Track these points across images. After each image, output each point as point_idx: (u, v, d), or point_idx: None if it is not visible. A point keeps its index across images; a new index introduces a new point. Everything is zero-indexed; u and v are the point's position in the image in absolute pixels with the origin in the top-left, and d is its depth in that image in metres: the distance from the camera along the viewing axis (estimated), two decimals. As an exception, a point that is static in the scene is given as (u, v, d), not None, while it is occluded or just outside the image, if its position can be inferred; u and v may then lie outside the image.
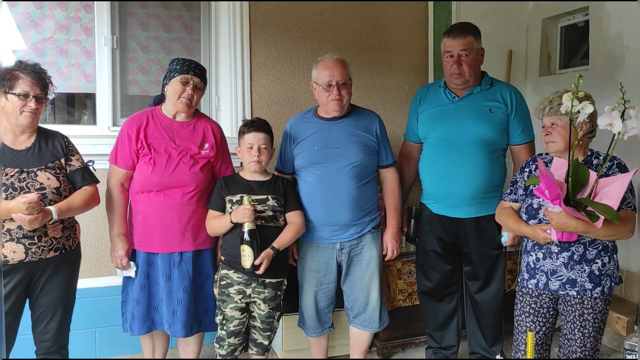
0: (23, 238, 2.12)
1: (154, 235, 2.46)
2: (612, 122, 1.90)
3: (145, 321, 2.53)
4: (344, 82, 2.50)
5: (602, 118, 1.93)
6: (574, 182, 2.01)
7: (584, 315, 2.16)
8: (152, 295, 2.52)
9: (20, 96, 2.13)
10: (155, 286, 2.52)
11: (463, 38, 2.58)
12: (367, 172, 2.58)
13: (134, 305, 2.52)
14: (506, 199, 2.38)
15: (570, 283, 2.16)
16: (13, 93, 2.12)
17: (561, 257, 2.17)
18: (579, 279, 2.15)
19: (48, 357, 2.28)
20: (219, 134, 2.60)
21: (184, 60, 2.49)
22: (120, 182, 2.48)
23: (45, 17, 3.10)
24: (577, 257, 2.15)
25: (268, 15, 3.40)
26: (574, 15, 3.78)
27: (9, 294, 2.13)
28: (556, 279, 2.19)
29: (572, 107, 1.93)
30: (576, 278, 2.15)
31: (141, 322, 2.52)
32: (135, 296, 2.51)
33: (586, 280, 2.14)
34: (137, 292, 2.50)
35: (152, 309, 2.54)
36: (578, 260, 2.15)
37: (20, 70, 2.14)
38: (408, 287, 3.17)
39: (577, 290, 2.15)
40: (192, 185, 2.46)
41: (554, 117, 2.15)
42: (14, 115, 2.15)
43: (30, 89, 2.14)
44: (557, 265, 2.18)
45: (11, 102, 2.13)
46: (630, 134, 1.91)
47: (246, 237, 2.30)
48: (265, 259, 2.34)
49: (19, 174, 2.14)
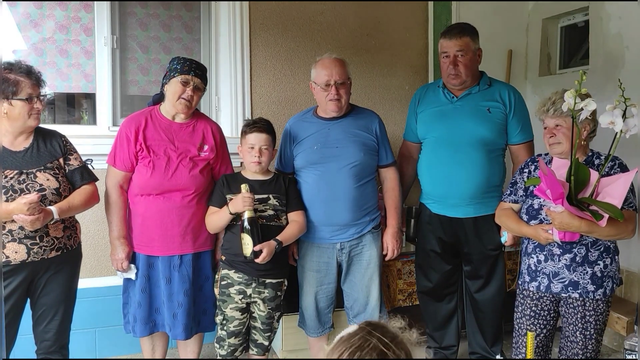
0: (25, 238, 2.12)
1: (153, 238, 2.45)
2: (613, 121, 1.89)
3: (147, 323, 2.52)
4: (342, 82, 2.49)
5: (604, 116, 1.92)
6: (576, 182, 2.00)
7: (585, 317, 2.15)
8: (154, 297, 2.51)
9: (27, 100, 2.12)
10: (156, 289, 2.51)
11: (459, 39, 2.58)
12: (367, 172, 2.58)
13: (135, 307, 2.51)
14: (506, 200, 2.37)
15: (572, 285, 2.15)
16: (19, 98, 2.10)
17: (563, 259, 2.15)
18: (581, 281, 2.13)
19: (49, 357, 2.28)
20: (218, 135, 2.58)
21: (185, 60, 2.46)
22: (119, 184, 2.46)
23: (45, 17, 3.10)
24: (579, 259, 2.13)
25: (268, 15, 3.40)
26: (574, 15, 3.78)
27: (11, 294, 2.13)
28: (558, 282, 2.17)
29: (574, 105, 1.91)
30: (578, 280, 2.14)
31: (143, 324, 2.51)
32: (136, 299, 2.50)
33: (588, 282, 2.13)
34: (139, 294, 2.49)
35: (154, 310, 2.53)
36: (580, 262, 2.13)
37: (16, 73, 2.11)
38: (408, 287, 3.17)
39: (579, 292, 2.14)
40: (191, 188, 2.45)
41: (559, 119, 2.11)
42: (22, 119, 2.14)
43: (33, 91, 2.14)
44: (559, 267, 2.16)
45: (17, 107, 2.11)
46: (632, 132, 1.90)
47: (246, 225, 2.29)
48: (266, 248, 2.31)
49: (19, 175, 2.14)
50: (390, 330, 1.03)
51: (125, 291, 2.56)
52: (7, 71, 2.11)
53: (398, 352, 1.00)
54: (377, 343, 1.01)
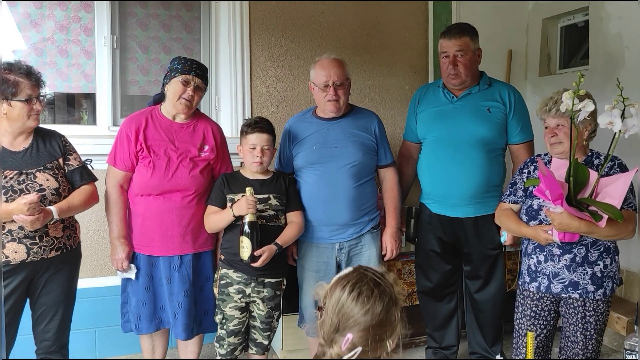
0: (25, 238, 2.12)
1: (153, 238, 2.45)
2: (612, 121, 1.89)
3: (153, 320, 2.53)
4: (341, 83, 2.49)
5: (603, 117, 1.91)
6: (575, 182, 2.00)
7: (585, 317, 2.15)
8: (158, 295, 2.52)
9: (27, 101, 2.12)
10: (160, 287, 2.51)
11: (459, 39, 2.58)
12: (366, 172, 2.58)
13: (139, 306, 2.51)
14: (506, 201, 2.36)
15: (572, 285, 2.15)
16: (19, 100, 2.10)
17: (563, 260, 2.15)
18: (582, 282, 2.13)
19: (48, 357, 2.29)
20: (219, 136, 2.58)
21: (186, 60, 2.46)
22: (119, 183, 2.46)
23: (45, 17, 3.10)
24: (579, 260, 2.13)
25: (268, 15, 3.40)
26: (574, 15, 3.78)
27: (11, 294, 2.13)
28: (558, 282, 2.17)
29: (572, 106, 1.91)
30: (578, 280, 2.13)
31: (148, 321, 2.52)
32: (140, 297, 2.50)
33: (588, 282, 2.13)
34: (142, 293, 2.50)
35: (159, 308, 2.54)
36: (580, 262, 2.13)
37: (16, 74, 2.11)
38: (408, 287, 3.17)
39: (579, 292, 2.14)
40: (191, 188, 2.45)
41: (561, 118, 2.10)
42: (21, 120, 2.14)
43: (32, 92, 2.13)
44: (559, 267, 2.16)
45: (17, 108, 2.11)
46: (631, 132, 1.90)
47: (246, 228, 2.29)
48: (267, 252, 2.32)
49: (18, 175, 2.14)
50: (377, 270, 1.32)
51: (124, 291, 2.56)
52: (7, 72, 2.10)
53: (388, 283, 1.28)
54: (373, 276, 1.27)
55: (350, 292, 1.23)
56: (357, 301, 1.21)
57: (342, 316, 1.22)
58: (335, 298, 1.24)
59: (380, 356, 1.24)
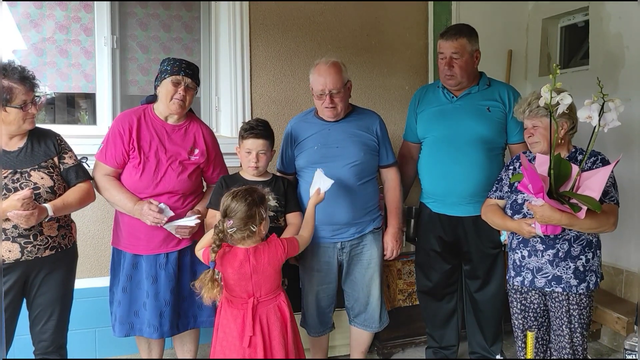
0: (19, 237, 2.12)
1: (139, 237, 2.45)
2: (590, 115, 1.93)
3: (124, 324, 2.50)
4: (337, 91, 2.48)
5: (582, 111, 1.95)
6: (557, 176, 2.05)
7: (570, 311, 2.20)
8: (134, 299, 2.49)
9: (22, 107, 2.12)
10: (137, 290, 2.49)
11: (455, 40, 2.59)
12: (368, 172, 2.58)
13: (117, 306, 2.50)
14: (492, 196, 2.42)
15: (555, 280, 2.20)
16: (14, 106, 2.11)
17: (546, 255, 2.20)
18: (564, 276, 2.18)
19: (47, 357, 2.28)
20: (210, 139, 2.58)
21: (175, 61, 2.46)
22: (107, 174, 2.44)
23: (45, 17, 3.10)
24: (562, 254, 2.18)
25: (268, 15, 3.40)
26: (574, 15, 3.78)
27: (6, 293, 2.12)
28: (542, 277, 2.22)
29: (550, 99, 1.95)
30: (561, 275, 2.19)
31: (120, 324, 2.50)
32: (118, 297, 2.49)
33: (571, 277, 2.18)
34: (120, 293, 2.48)
35: (133, 313, 2.50)
36: (563, 257, 2.18)
37: (10, 79, 2.10)
38: (408, 287, 3.17)
39: (562, 287, 2.19)
40: (179, 191, 2.46)
41: (535, 119, 2.21)
42: (16, 124, 2.15)
43: (27, 97, 2.13)
44: (542, 262, 2.22)
45: (12, 113, 2.12)
46: (611, 126, 1.94)
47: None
48: None
49: (12, 174, 2.14)
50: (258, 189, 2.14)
51: (110, 289, 2.55)
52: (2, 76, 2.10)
53: (256, 195, 2.08)
54: (246, 189, 2.10)
55: (232, 197, 2.05)
56: (234, 201, 2.05)
57: (227, 208, 2.06)
58: (226, 202, 2.07)
59: (247, 231, 2.05)
